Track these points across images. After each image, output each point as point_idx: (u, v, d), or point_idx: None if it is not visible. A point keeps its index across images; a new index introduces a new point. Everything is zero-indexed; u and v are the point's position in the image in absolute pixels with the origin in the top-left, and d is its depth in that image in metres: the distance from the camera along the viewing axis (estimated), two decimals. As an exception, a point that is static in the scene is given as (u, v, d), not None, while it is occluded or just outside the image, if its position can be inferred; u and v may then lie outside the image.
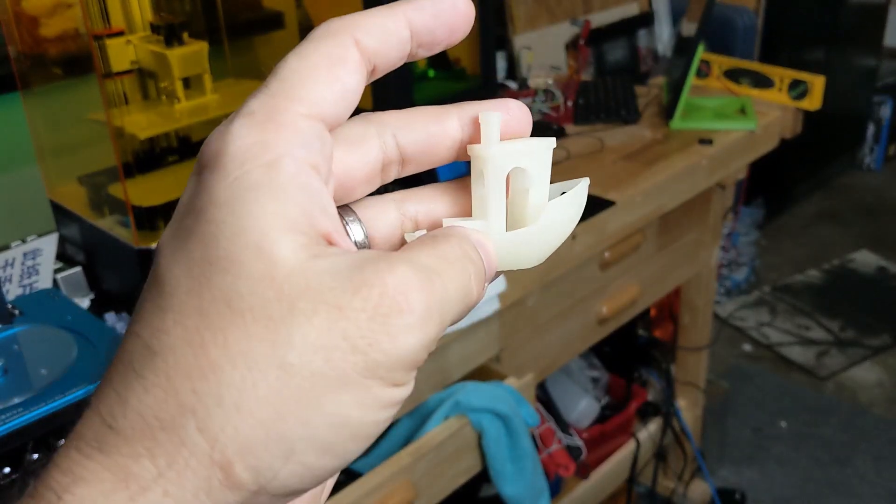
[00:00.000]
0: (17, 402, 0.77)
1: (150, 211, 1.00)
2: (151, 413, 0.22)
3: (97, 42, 0.99)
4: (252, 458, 0.21)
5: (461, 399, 1.14)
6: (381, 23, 0.25)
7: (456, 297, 0.24)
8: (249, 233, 0.22)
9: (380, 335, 0.22)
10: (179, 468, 0.21)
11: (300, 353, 0.22)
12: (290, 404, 0.22)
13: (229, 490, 0.22)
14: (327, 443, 0.22)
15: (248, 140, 0.23)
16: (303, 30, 1.19)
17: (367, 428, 0.23)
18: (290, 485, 0.22)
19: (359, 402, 0.22)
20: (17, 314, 0.91)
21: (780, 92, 1.64)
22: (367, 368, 0.22)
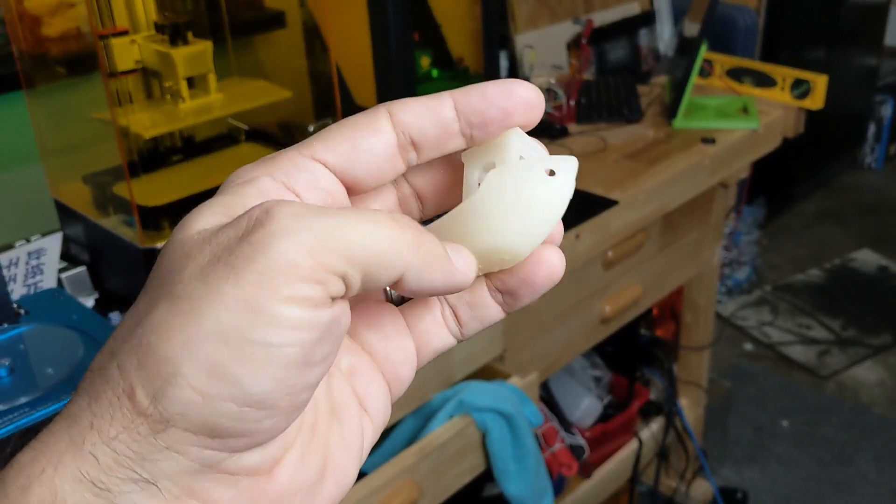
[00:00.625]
0: (24, 402, 0.77)
1: (155, 210, 1.00)
2: (96, 366, 0.25)
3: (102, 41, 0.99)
4: (146, 380, 0.23)
5: (465, 398, 1.14)
6: (421, 101, 0.28)
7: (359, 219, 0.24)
8: (188, 218, 0.26)
9: (244, 246, 0.23)
10: (101, 401, 0.24)
11: (185, 282, 0.24)
12: (173, 328, 0.23)
13: (137, 416, 0.24)
14: (213, 363, 0.23)
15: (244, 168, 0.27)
16: (306, 29, 1.19)
17: (254, 350, 0.23)
18: (186, 411, 0.23)
19: (236, 316, 0.23)
20: (22, 313, 0.91)
21: (782, 91, 1.64)
22: (242, 281, 0.23)
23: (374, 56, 1.23)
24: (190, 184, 1.05)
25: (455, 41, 1.41)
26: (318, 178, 0.27)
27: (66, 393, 0.77)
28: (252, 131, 1.16)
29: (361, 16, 1.22)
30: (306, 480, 0.27)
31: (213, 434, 0.24)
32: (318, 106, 1.16)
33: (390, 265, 0.25)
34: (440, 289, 0.27)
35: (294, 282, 0.23)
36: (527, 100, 0.28)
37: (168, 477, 0.24)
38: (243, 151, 1.15)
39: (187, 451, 0.24)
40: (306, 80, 1.18)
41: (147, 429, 0.23)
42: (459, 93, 0.28)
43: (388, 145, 0.28)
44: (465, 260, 0.27)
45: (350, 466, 0.28)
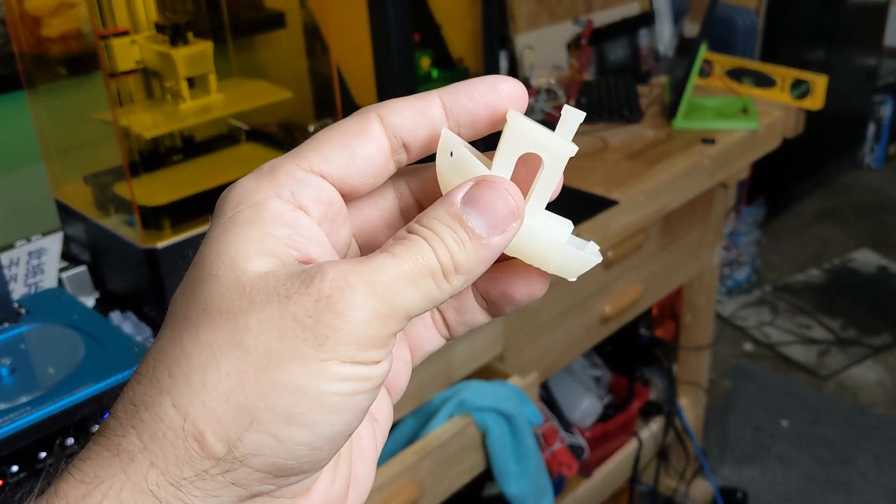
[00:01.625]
0: (25, 401, 0.77)
1: (156, 210, 1.00)
2: (139, 398, 0.25)
3: (103, 42, 0.99)
4: (219, 427, 0.24)
5: (465, 398, 1.14)
6: (409, 103, 0.29)
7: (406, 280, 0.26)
8: (227, 253, 0.26)
9: (325, 313, 0.25)
10: (160, 440, 0.25)
11: (255, 334, 0.25)
12: (247, 378, 0.24)
13: (206, 459, 0.24)
14: (288, 411, 0.24)
15: (247, 186, 0.27)
16: (306, 29, 1.19)
17: (332, 399, 0.25)
18: (263, 456, 0.25)
19: (312, 373, 0.24)
20: (23, 313, 0.91)
21: (782, 91, 1.64)
22: (318, 343, 0.25)
23: (374, 56, 1.23)
24: (190, 184, 1.05)
25: (455, 42, 1.41)
26: (321, 192, 0.28)
27: (68, 392, 0.78)
28: (252, 131, 1.16)
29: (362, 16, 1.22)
30: (336, 494, 0.29)
31: (279, 473, 0.25)
32: (318, 106, 1.17)
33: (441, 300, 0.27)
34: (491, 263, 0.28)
35: (367, 349, 0.25)
36: (511, 95, 0.29)
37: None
38: (244, 151, 1.15)
39: (250, 486, 0.25)
40: (307, 81, 1.18)
41: (218, 470, 0.25)
42: (447, 92, 0.29)
43: (382, 151, 0.28)
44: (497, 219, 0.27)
45: (368, 475, 0.30)
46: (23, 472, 0.75)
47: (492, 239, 0.27)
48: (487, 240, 0.27)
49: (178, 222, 1.01)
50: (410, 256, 0.26)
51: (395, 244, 0.26)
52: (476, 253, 0.27)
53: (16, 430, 0.74)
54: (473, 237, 0.27)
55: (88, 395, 0.77)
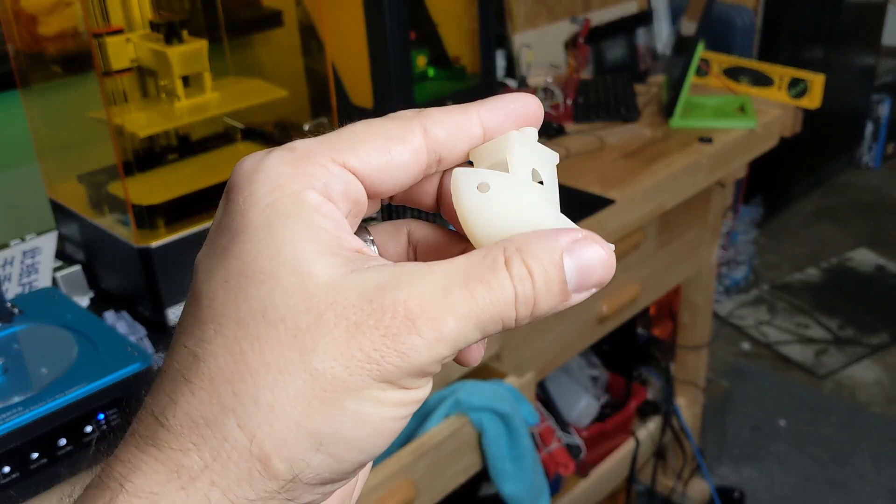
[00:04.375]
0: (18, 401, 0.76)
1: (150, 209, 0.99)
2: (198, 413, 0.25)
3: (97, 40, 0.99)
4: (286, 450, 0.24)
5: (461, 398, 1.14)
6: (453, 118, 0.28)
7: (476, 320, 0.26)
8: (286, 252, 0.25)
9: (390, 351, 0.25)
10: (223, 460, 0.24)
11: (323, 359, 0.24)
12: (315, 404, 0.24)
13: (269, 480, 0.25)
14: (352, 438, 0.25)
15: (280, 170, 0.26)
16: (302, 28, 1.19)
17: (387, 424, 0.26)
18: (322, 474, 0.25)
19: (375, 403, 0.25)
20: (16, 313, 0.91)
21: (779, 90, 1.64)
22: (381, 376, 0.25)
23: (370, 55, 1.23)
24: (186, 183, 1.04)
25: (452, 40, 1.41)
26: (350, 188, 0.27)
27: (61, 392, 0.77)
28: (248, 130, 1.16)
29: (358, 15, 1.22)
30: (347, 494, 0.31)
31: (326, 483, 0.26)
32: (313, 105, 1.16)
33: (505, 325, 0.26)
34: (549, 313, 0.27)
35: (420, 378, 0.26)
36: (537, 114, 0.30)
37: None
38: (239, 150, 1.14)
39: (300, 499, 0.26)
40: (302, 79, 1.18)
41: (276, 486, 0.25)
42: (485, 108, 0.29)
43: (419, 162, 0.28)
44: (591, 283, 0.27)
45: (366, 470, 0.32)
46: (15, 472, 0.74)
47: (574, 296, 0.27)
48: (571, 296, 0.27)
49: (172, 221, 1.01)
50: (490, 295, 0.25)
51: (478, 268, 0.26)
52: (556, 305, 0.27)
53: (8, 431, 0.73)
54: (563, 291, 0.27)
55: (81, 395, 0.77)
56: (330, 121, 1.11)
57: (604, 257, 0.27)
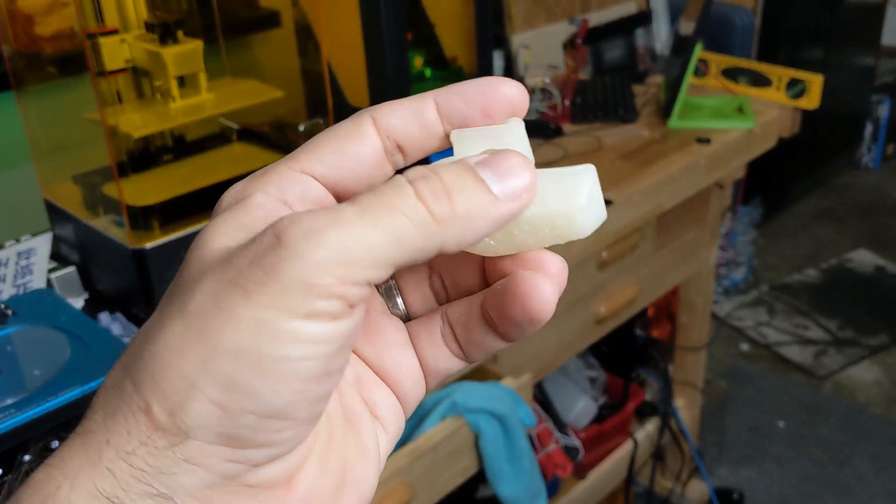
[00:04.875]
0: (10, 403, 0.76)
1: (145, 210, 0.99)
2: (110, 382, 0.26)
3: (91, 40, 0.98)
4: (162, 395, 0.24)
5: (458, 399, 1.13)
6: (404, 104, 0.28)
7: (369, 221, 0.24)
8: (203, 237, 0.26)
9: (256, 271, 0.23)
10: (117, 419, 0.24)
11: (197, 301, 0.24)
12: (188, 344, 0.24)
13: (153, 432, 0.24)
14: (229, 378, 0.23)
15: (236, 188, 0.28)
16: (299, 28, 1.18)
17: (273, 365, 0.23)
18: (206, 424, 0.24)
19: (254, 337, 0.23)
20: (10, 314, 0.90)
21: (778, 91, 1.64)
22: (255, 303, 0.23)
23: (366, 55, 1.22)
24: (181, 183, 1.04)
25: (449, 41, 1.40)
26: (310, 190, 0.27)
27: (54, 394, 0.77)
28: (244, 131, 1.16)
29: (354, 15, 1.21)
30: (325, 490, 0.27)
31: (233, 445, 0.24)
32: (310, 105, 1.16)
33: (423, 249, 0.25)
34: (491, 231, 0.26)
35: (312, 300, 0.23)
36: (509, 98, 0.28)
37: (187, 491, 0.24)
38: (235, 151, 1.14)
39: (207, 464, 0.24)
40: (298, 80, 1.18)
41: (165, 442, 0.24)
42: (441, 94, 0.28)
43: (375, 151, 0.28)
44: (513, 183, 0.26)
45: (369, 474, 0.29)
46: (7, 475, 0.74)
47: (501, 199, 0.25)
48: (497, 197, 0.25)
49: (167, 222, 1.00)
50: (384, 195, 0.24)
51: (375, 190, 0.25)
52: (481, 202, 0.25)
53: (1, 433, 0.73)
54: (481, 187, 0.25)
55: (74, 397, 0.77)
56: (326, 121, 1.11)
57: (519, 159, 0.26)
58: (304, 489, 0.26)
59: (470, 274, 0.30)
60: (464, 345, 0.30)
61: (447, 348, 0.30)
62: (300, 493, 0.26)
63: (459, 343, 0.30)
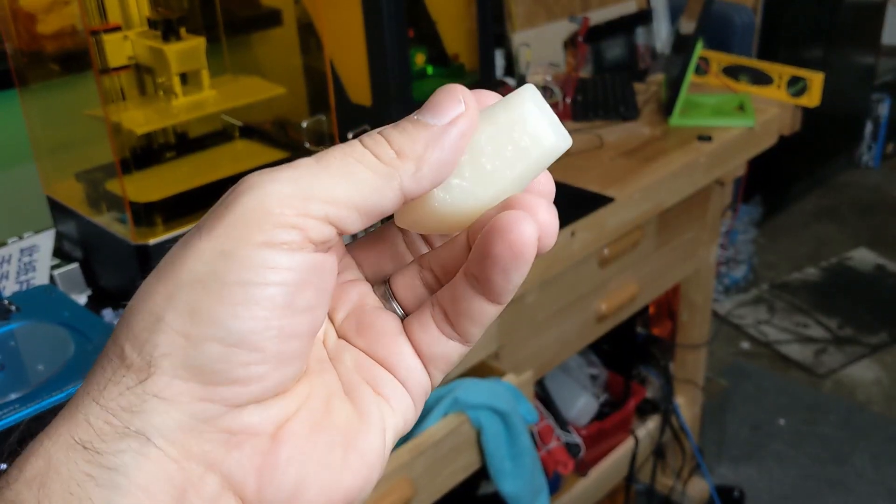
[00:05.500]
0: (14, 399, 0.76)
1: (148, 207, 0.99)
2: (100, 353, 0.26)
3: (94, 38, 0.99)
4: (132, 336, 0.25)
5: (460, 396, 1.14)
6: None
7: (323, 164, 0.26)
8: None
9: (218, 209, 0.25)
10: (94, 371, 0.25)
11: (167, 255, 0.25)
12: (155, 286, 0.25)
13: (124, 369, 0.24)
14: (190, 305, 0.24)
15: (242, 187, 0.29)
16: (301, 26, 1.18)
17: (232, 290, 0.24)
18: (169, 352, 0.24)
19: (212, 265, 0.24)
20: (13, 310, 0.90)
21: (778, 89, 1.64)
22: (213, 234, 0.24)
23: (368, 53, 1.22)
24: (183, 180, 1.04)
25: (450, 38, 1.41)
26: None
27: (57, 389, 0.77)
28: (246, 128, 1.16)
29: (356, 13, 1.22)
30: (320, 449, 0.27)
31: (203, 380, 0.24)
32: (312, 103, 1.16)
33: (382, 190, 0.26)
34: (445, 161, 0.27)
35: (267, 229, 0.24)
36: None
37: (160, 432, 0.24)
38: (237, 148, 1.14)
39: (178, 401, 0.24)
40: (300, 77, 1.18)
41: (134, 379, 0.24)
42: None
43: None
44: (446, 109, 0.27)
45: (374, 444, 0.28)
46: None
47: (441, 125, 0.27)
48: (430, 123, 0.27)
49: (170, 219, 1.01)
50: (335, 149, 0.26)
51: None
52: (424, 137, 0.26)
53: (4, 428, 0.73)
54: (418, 125, 0.27)
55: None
56: (328, 119, 1.11)
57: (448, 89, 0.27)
58: (293, 446, 0.26)
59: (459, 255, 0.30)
60: (454, 319, 0.30)
61: (438, 330, 0.30)
62: (290, 449, 0.26)
63: (450, 320, 0.30)
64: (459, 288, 0.29)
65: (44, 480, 0.24)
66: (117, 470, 0.23)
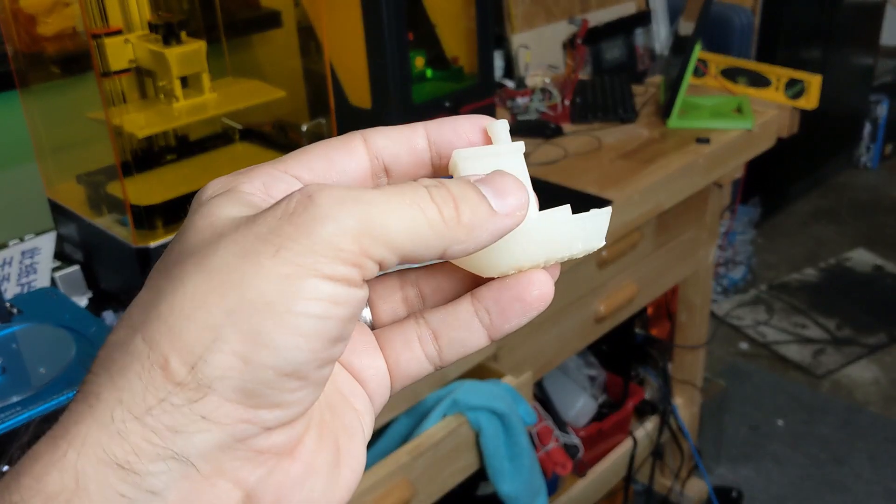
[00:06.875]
0: (16, 401, 0.77)
1: (149, 209, 1.00)
2: (113, 341, 0.25)
3: (95, 41, 0.99)
4: (182, 348, 0.23)
5: (459, 397, 1.14)
6: (395, 129, 0.30)
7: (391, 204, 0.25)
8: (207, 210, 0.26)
9: (286, 227, 0.24)
10: (128, 375, 0.23)
11: (220, 256, 0.24)
12: (212, 296, 0.24)
13: (173, 386, 0.23)
14: (254, 329, 0.23)
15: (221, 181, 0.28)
16: (301, 29, 1.19)
17: (297, 319, 0.24)
18: (227, 375, 0.23)
19: (281, 290, 0.24)
20: (15, 313, 0.91)
21: (776, 91, 1.64)
22: (285, 258, 0.24)
23: (368, 56, 1.23)
24: (184, 183, 1.05)
25: (450, 41, 1.41)
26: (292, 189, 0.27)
27: (59, 392, 0.78)
28: (246, 131, 1.16)
29: (356, 16, 1.22)
30: (325, 463, 0.27)
31: (249, 403, 0.24)
32: (312, 105, 1.17)
33: (430, 247, 0.26)
34: (490, 243, 0.27)
35: (336, 263, 0.24)
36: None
37: (200, 453, 0.24)
38: (237, 151, 1.15)
39: (222, 423, 0.24)
40: (300, 80, 1.18)
41: (183, 398, 0.23)
42: (433, 125, 0.30)
43: (362, 167, 0.29)
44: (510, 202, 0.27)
45: (359, 453, 0.29)
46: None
47: (500, 213, 0.27)
48: (496, 212, 0.27)
49: (171, 222, 1.01)
50: (405, 190, 0.26)
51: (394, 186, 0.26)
52: (483, 215, 0.26)
53: (6, 430, 0.74)
54: (483, 202, 0.27)
55: (80, 394, 0.77)
56: (328, 121, 1.12)
57: (512, 178, 0.28)
58: (305, 459, 0.26)
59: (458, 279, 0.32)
60: (444, 344, 0.31)
61: (422, 351, 0.31)
62: (302, 463, 0.26)
63: (440, 345, 0.31)
64: (463, 315, 0.31)
65: (70, 498, 0.23)
66: (155, 493, 0.23)
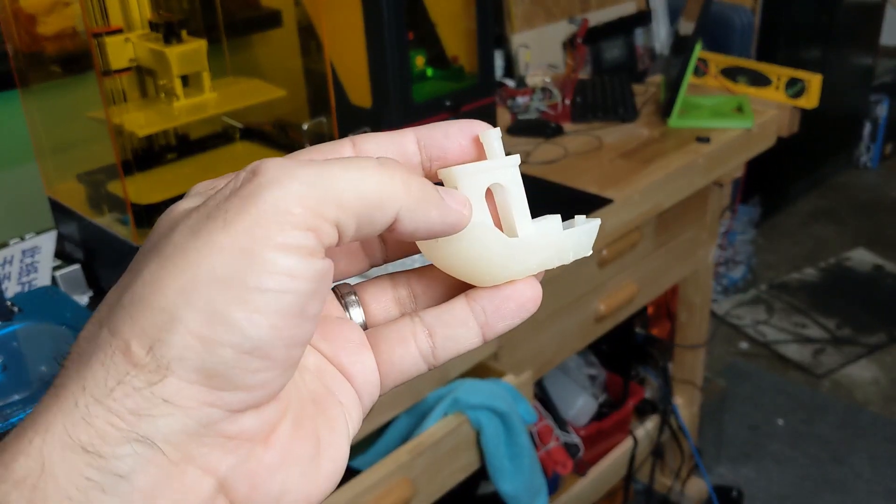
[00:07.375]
0: (17, 400, 0.77)
1: (149, 208, 1.00)
2: (82, 337, 0.25)
3: (96, 40, 0.99)
4: (141, 332, 0.23)
5: (459, 396, 1.14)
6: (386, 134, 0.30)
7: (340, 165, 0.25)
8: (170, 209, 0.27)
9: (233, 200, 0.24)
10: (92, 363, 0.24)
11: (175, 241, 0.24)
12: (167, 279, 0.24)
13: (133, 368, 0.23)
14: (209, 306, 0.23)
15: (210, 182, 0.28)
16: (301, 28, 1.19)
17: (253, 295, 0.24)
18: (185, 356, 0.23)
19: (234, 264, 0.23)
20: (16, 311, 0.91)
21: (777, 90, 1.64)
22: (234, 230, 0.24)
23: (368, 55, 1.23)
24: (184, 182, 1.05)
25: (450, 40, 1.41)
26: None
27: (60, 391, 0.77)
28: (247, 130, 1.16)
29: (356, 15, 1.22)
30: (303, 454, 0.27)
31: (211, 384, 0.24)
32: (312, 105, 1.17)
33: (384, 206, 0.26)
34: (437, 226, 0.28)
35: (287, 229, 0.24)
36: None
37: (166, 438, 0.24)
38: (238, 150, 1.15)
39: (185, 406, 0.24)
40: (301, 79, 1.18)
41: (144, 380, 0.23)
42: (423, 129, 0.30)
43: None
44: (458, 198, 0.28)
45: (341, 445, 0.29)
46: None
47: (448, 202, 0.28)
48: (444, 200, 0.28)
49: (171, 221, 1.01)
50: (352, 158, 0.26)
51: None
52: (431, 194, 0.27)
53: (7, 429, 0.74)
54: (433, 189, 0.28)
55: (80, 393, 0.77)
56: (329, 120, 1.12)
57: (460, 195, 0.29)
58: (279, 448, 0.26)
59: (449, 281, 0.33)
60: (440, 343, 0.32)
61: (416, 347, 0.31)
62: (277, 451, 0.26)
63: (434, 342, 0.32)
64: (459, 313, 0.32)
65: (36, 482, 0.23)
66: (122, 475, 0.23)
